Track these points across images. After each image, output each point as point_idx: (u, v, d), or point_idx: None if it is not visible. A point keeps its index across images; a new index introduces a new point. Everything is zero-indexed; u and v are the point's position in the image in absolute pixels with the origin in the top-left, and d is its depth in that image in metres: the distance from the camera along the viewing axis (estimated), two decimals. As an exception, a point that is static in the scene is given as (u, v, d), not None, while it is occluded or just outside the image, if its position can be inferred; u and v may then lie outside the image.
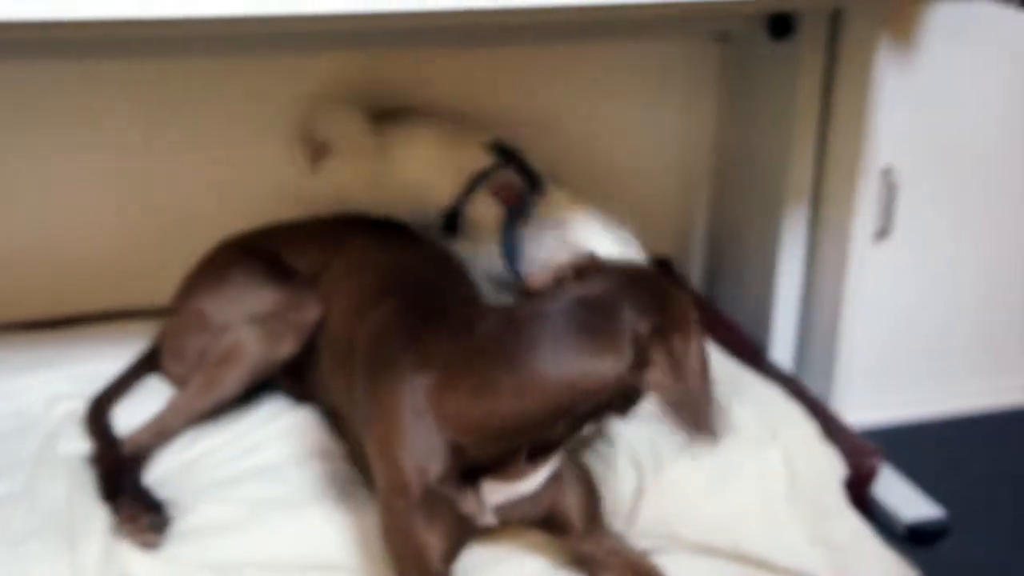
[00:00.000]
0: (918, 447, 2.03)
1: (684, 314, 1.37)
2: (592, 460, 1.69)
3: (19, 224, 1.96)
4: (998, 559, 1.77)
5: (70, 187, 1.97)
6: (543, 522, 1.56)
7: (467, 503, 1.46)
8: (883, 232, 2.00)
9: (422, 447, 1.42)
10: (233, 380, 1.71)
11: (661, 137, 2.27)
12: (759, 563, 1.62)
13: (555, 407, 1.34)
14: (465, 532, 1.51)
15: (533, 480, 1.48)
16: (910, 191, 1.99)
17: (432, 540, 1.47)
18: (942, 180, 2.02)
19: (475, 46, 2.06)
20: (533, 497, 1.50)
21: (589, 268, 1.42)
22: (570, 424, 1.38)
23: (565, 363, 1.33)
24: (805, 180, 2.02)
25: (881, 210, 1.98)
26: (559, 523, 1.56)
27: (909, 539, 1.80)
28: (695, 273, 2.36)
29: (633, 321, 1.32)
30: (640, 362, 1.32)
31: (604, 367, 1.32)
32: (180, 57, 1.91)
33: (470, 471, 1.44)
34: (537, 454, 1.44)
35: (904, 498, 1.87)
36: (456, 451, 1.41)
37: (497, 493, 1.47)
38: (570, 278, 1.41)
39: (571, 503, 1.55)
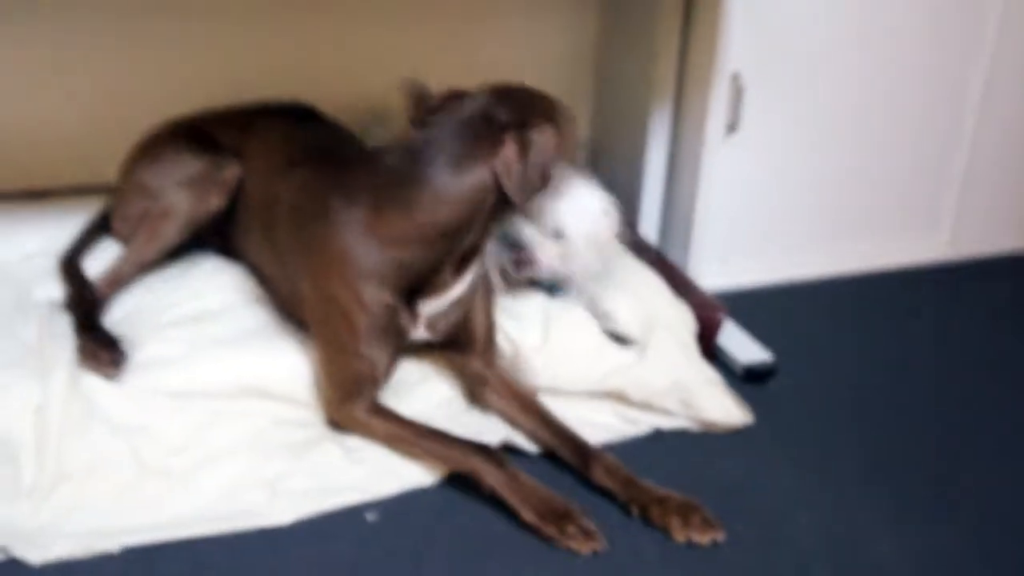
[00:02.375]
0: (757, 307, 2.06)
1: (545, 114, 1.45)
2: (504, 319, 1.74)
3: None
4: (818, 394, 1.82)
5: (38, 77, 1.92)
6: (453, 341, 1.64)
7: (407, 318, 1.54)
8: (732, 127, 2.01)
9: (372, 270, 1.48)
10: (171, 232, 1.72)
11: (550, 51, 2.22)
12: (628, 402, 1.68)
13: (461, 213, 1.44)
14: (401, 348, 1.59)
15: (459, 287, 1.57)
16: (754, 93, 1.99)
17: (381, 355, 1.54)
18: (781, 84, 2.02)
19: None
20: (455, 307, 1.59)
21: (460, 95, 1.48)
22: (484, 222, 1.48)
23: (460, 171, 1.42)
24: (668, 84, 2.03)
25: (731, 109, 1.99)
26: (465, 339, 1.64)
27: (745, 378, 1.83)
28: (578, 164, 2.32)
29: (501, 124, 1.42)
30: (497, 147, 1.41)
31: (479, 173, 1.42)
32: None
33: (409, 292, 1.52)
34: (461, 262, 1.53)
35: (742, 345, 1.90)
36: (399, 267, 1.48)
37: (431, 305, 1.55)
38: (446, 106, 1.48)
39: (478, 321, 1.64)
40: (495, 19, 2.16)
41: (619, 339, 1.74)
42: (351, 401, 1.54)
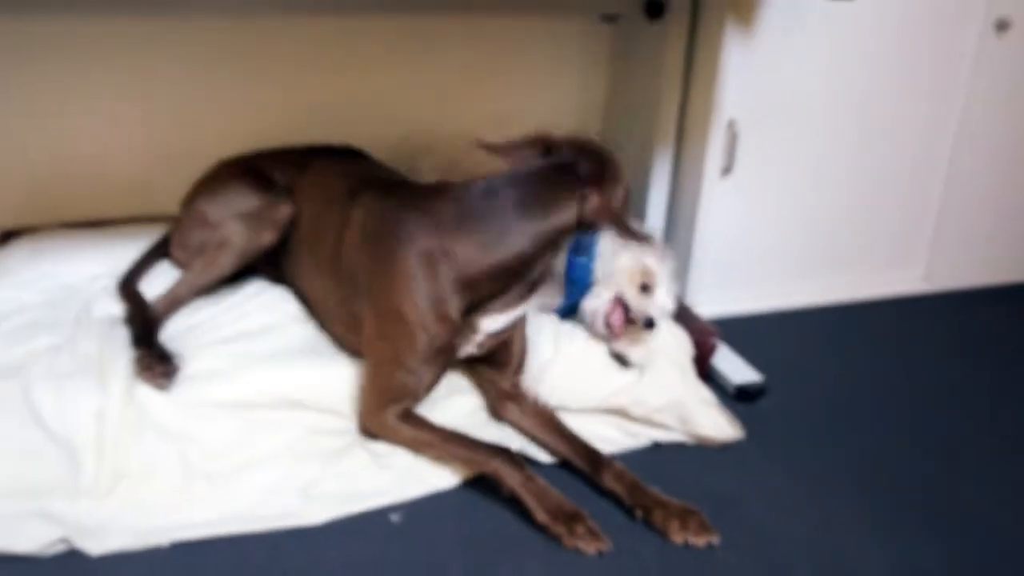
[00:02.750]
0: (748, 332, 2.08)
1: (615, 170, 1.53)
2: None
3: (65, 150, 1.96)
4: (804, 413, 1.85)
5: (104, 121, 1.97)
6: (492, 356, 1.66)
7: (463, 337, 1.57)
8: (727, 169, 2.04)
9: (442, 293, 1.51)
10: (226, 262, 1.74)
11: (565, 99, 2.26)
12: (630, 418, 1.72)
13: (540, 247, 1.50)
14: (448, 366, 1.62)
15: (524, 307, 1.61)
16: (748, 139, 2.03)
17: (429, 373, 1.57)
18: (772, 131, 2.06)
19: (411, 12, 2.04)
20: (507, 328, 1.62)
21: (546, 141, 1.55)
22: (551, 256, 1.54)
23: (543, 215, 1.48)
24: (670, 129, 2.06)
25: (726, 153, 2.02)
26: (503, 357, 1.67)
27: (737, 397, 1.87)
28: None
29: (582, 179, 1.49)
30: (585, 204, 1.49)
31: (567, 215, 1.49)
32: (196, 19, 1.92)
33: (470, 308, 1.54)
34: (529, 289, 1.58)
35: (735, 367, 1.93)
36: (465, 291, 1.52)
37: (494, 322, 1.58)
38: (531, 150, 1.55)
39: (518, 342, 1.69)
40: (517, 73, 2.21)
41: (621, 360, 1.77)
42: (386, 409, 1.57)
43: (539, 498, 1.46)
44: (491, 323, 1.59)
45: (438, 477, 1.55)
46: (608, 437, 1.69)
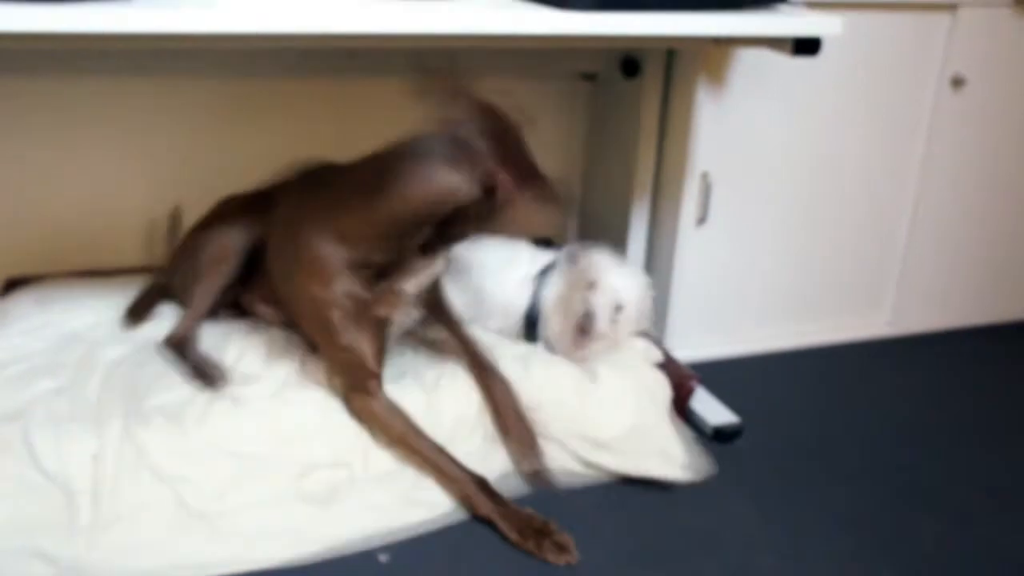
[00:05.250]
0: (726, 375, 2.07)
1: (518, 138, 1.49)
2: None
3: (68, 202, 1.96)
4: (780, 452, 1.84)
5: (107, 177, 1.97)
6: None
7: (387, 302, 1.55)
8: (702, 220, 2.04)
9: (338, 271, 1.49)
10: (230, 263, 1.73)
11: (545, 151, 2.05)
12: (602, 447, 1.68)
13: (419, 213, 1.43)
14: (382, 334, 1.58)
15: (434, 268, 1.60)
16: (720, 190, 2.03)
17: (364, 344, 1.54)
18: (743, 183, 2.06)
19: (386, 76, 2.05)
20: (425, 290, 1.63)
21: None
22: (437, 230, 1.48)
23: (425, 180, 1.41)
24: (647, 180, 2.06)
25: (700, 204, 2.02)
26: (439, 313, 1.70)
27: (714, 438, 1.86)
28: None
29: (482, 156, 1.41)
30: (488, 188, 1.41)
31: (453, 183, 1.39)
32: (193, 79, 1.93)
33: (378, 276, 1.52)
34: (432, 246, 1.53)
35: (712, 409, 1.92)
36: (357, 263, 1.49)
37: (410, 284, 1.56)
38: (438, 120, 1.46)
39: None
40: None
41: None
42: (363, 393, 1.56)
43: (509, 520, 1.51)
44: (409, 285, 1.57)
45: (425, 518, 1.52)
46: (575, 471, 1.66)
